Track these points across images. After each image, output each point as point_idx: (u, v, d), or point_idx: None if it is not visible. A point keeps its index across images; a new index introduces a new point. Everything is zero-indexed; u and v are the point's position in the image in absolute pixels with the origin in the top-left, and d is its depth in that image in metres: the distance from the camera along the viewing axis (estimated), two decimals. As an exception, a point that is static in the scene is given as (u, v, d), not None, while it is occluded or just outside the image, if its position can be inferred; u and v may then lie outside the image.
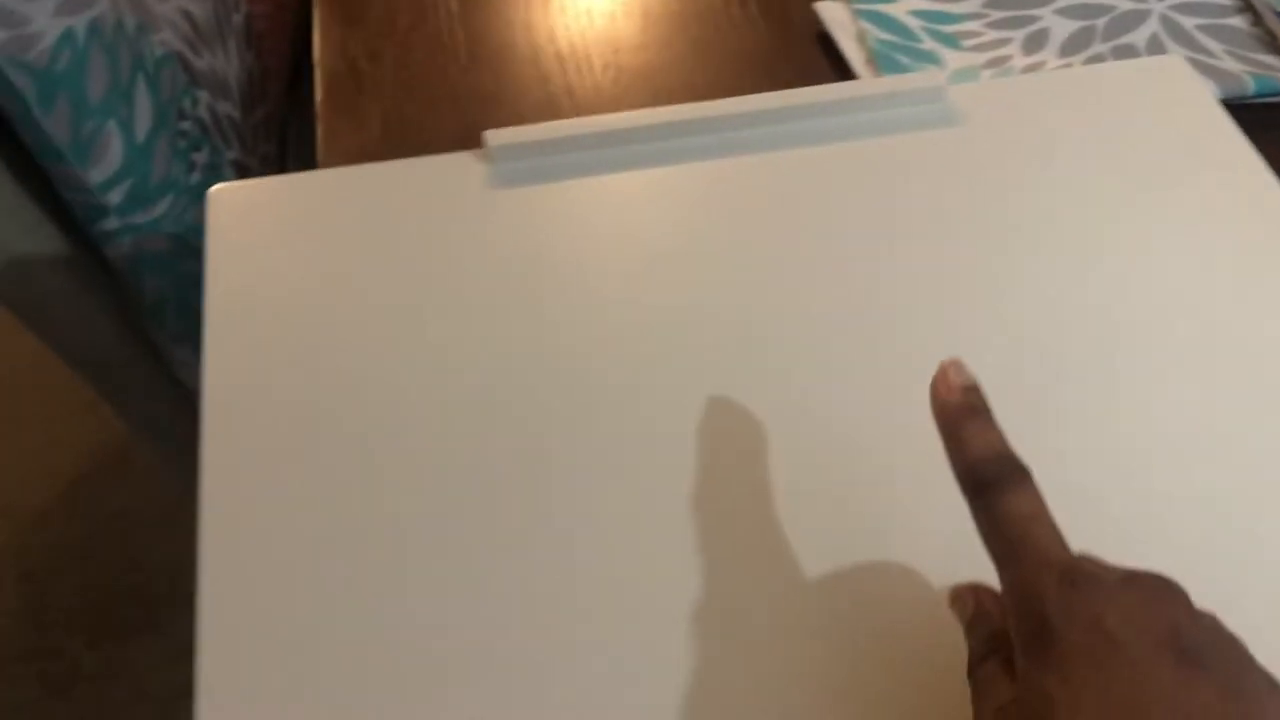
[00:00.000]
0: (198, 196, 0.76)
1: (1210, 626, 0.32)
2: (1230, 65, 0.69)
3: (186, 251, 0.76)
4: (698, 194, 0.56)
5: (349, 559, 0.45)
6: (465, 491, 0.47)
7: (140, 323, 0.81)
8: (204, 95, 0.78)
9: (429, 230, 0.55)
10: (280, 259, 0.54)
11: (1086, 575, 0.33)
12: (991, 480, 0.36)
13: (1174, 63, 0.63)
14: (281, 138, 0.98)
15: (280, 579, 0.44)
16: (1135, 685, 0.30)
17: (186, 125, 0.76)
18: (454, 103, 0.73)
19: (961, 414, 0.38)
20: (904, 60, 0.71)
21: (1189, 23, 0.73)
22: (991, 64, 0.72)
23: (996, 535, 0.36)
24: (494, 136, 0.56)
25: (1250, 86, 0.68)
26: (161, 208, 0.74)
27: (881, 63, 0.71)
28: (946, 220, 0.55)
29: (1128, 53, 0.71)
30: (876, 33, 0.73)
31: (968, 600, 0.39)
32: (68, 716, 1.31)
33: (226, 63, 0.83)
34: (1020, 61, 0.71)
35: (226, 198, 0.56)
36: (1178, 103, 0.60)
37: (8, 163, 0.69)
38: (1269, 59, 0.70)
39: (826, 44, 0.75)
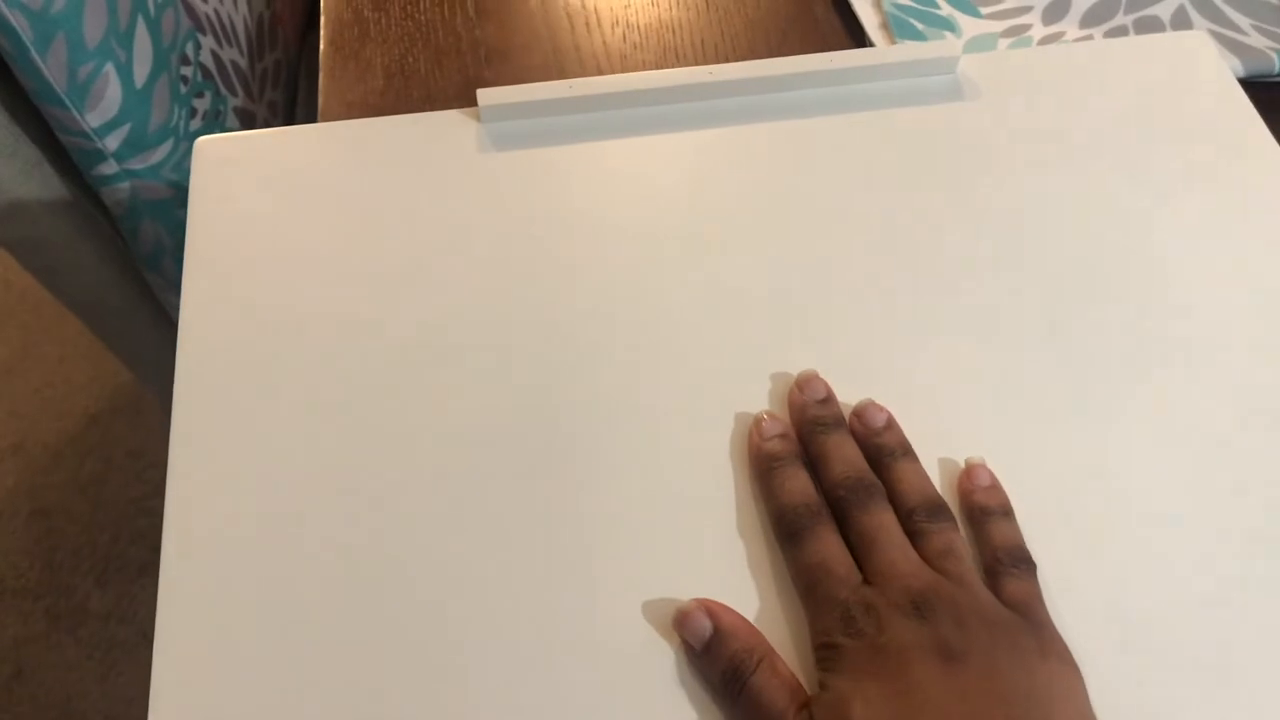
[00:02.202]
0: (198, 143, 0.76)
1: (975, 630, 0.39)
2: (1257, 41, 0.67)
3: (185, 199, 0.76)
4: (694, 162, 0.55)
5: (321, 525, 0.44)
6: (443, 454, 0.46)
7: (138, 268, 0.80)
8: (208, 40, 0.77)
9: (416, 190, 0.54)
10: (264, 214, 0.53)
11: (864, 607, 0.40)
12: (794, 530, 0.43)
13: (1196, 38, 0.60)
14: (293, 84, 0.97)
15: (248, 536, 0.44)
16: (909, 680, 0.38)
17: (188, 70, 0.75)
18: (459, 56, 0.72)
19: (770, 463, 0.45)
20: (919, 26, 0.69)
21: (1218, -5, 0.70)
22: (1010, 33, 0.69)
23: (797, 577, 0.43)
24: (486, 96, 0.55)
25: (1276, 64, 0.65)
26: (160, 154, 0.73)
27: (896, 27, 0.69)
28: (952, 196, 0.54)
29: (1151, 25, 0.69)
30: (893, -4, 0.71)
31: (701, 619, 0.42)
32: (75, 653, 1.33)
33: (234, 8, 0.82)
34: (1039, 31, 0.69)
35: (212, 149, 0.55)
36: (1197, 81, 0.58)
37: (4, 103, 0.68)
38: (1299, 36, 0.68)
39: (842, 7, 0.73)
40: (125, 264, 0.80)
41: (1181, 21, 0.69)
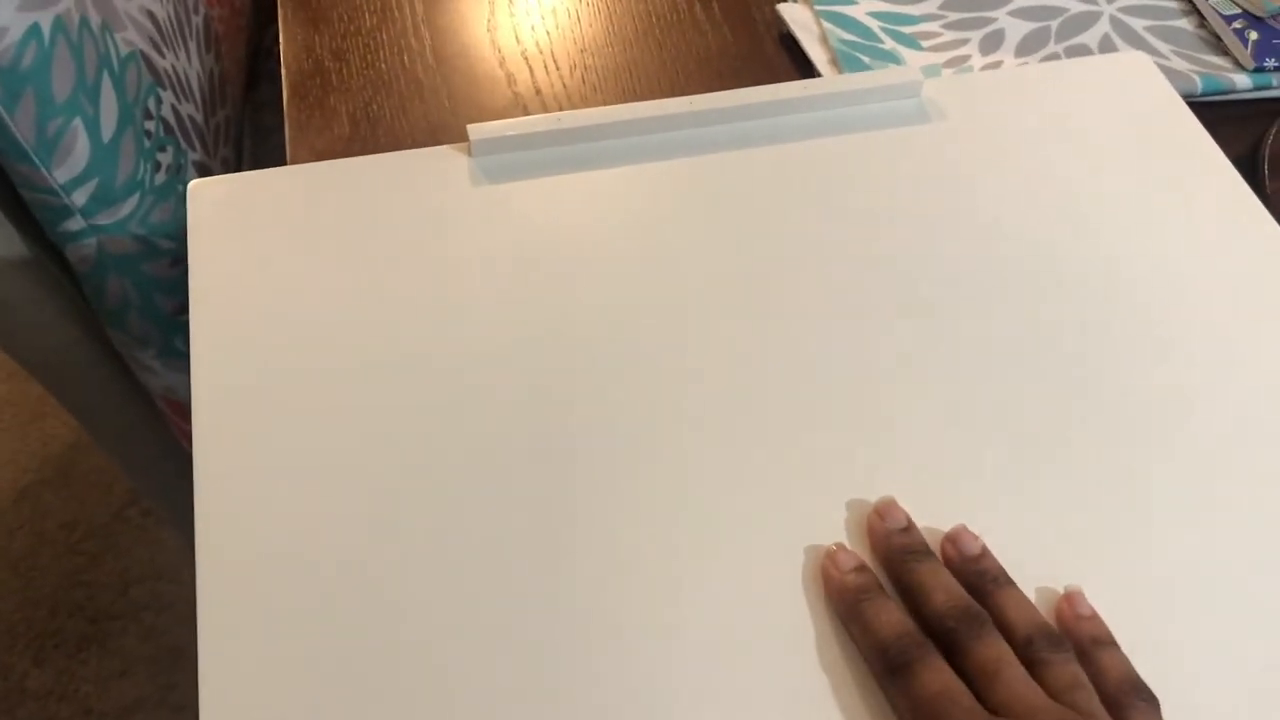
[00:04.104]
0: (163, 197, 0.76)
1: None
2: (1179, 65, 0.72)
3: (151, 253, 0.76)
4: (680, 189, 0.57)
5: (337, 554, 0.45)
6: (450, 483, 0.47)
7: (101, 326, 0.80)
8: (168, 95, 0.78)
9: (411, 224, 0.55)
10: (263, 252, 0.54)
11: None
12: (901, 663, 0.40)
13: (1139, 59, 0.65)
14: (240, 141, 0.98)
15: (275, 577, 0.44)
16: None
17: (151, 125, 0.75)
18: (422, 102, 0.73)
19: (857, 596, 0.43)
20: (866, 60, 0.73)
21: (1138, 24, 0.75)
22: (951, 64, 0.73)
23: (913, 712, 0.39)
24: (477, 130, 0.57)
25: (1199, 86, 0.70)
26: (127, 208, 0.73)
27: (845, 63, 0.73)
28: (923, 215, 0.57)
29: (1081, 53, 0.73)
30: (839, 33, 0.74)
31: None
32: (13, 735, 1.29)
33: (188, 64, 0.82)
34: (978, 61, 0.73)
35: (207, 191, 0.56)
36: (1146, 97, 0.63)
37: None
38: (1215, 59, 0.73)
39: (790, 45, 0.76)
40: (87, 321, 0.79)
41: (1108, 49, 0.74)
